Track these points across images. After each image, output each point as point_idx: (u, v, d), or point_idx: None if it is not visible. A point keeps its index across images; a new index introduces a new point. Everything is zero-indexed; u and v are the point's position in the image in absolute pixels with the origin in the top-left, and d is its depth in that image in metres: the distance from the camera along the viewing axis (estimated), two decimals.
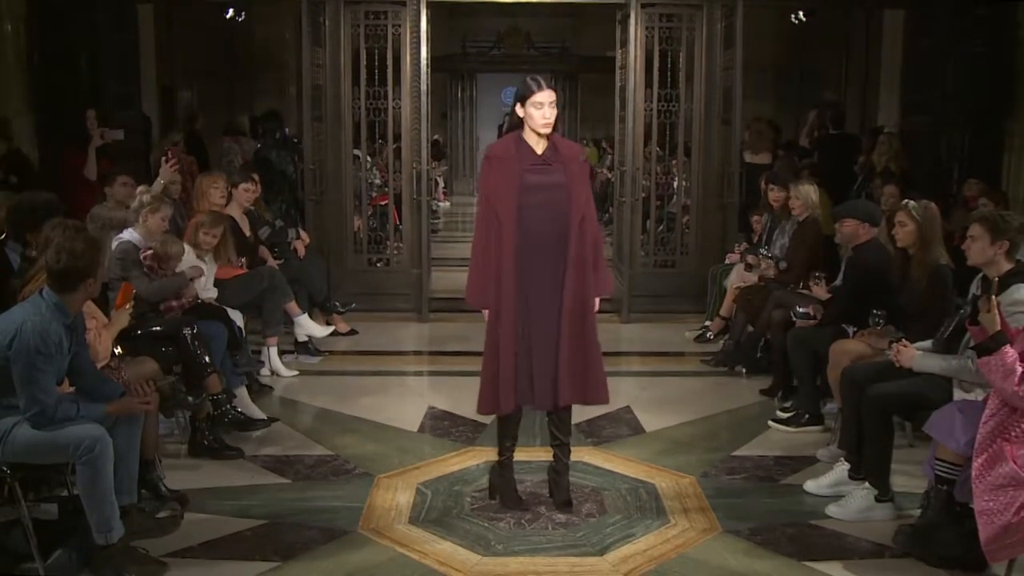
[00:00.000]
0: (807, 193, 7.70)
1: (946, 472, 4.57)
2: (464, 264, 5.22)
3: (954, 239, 6.32)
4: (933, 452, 4.67)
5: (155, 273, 6.33)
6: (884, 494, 5.11)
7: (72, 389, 4.64)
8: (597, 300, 5.04)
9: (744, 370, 7.81)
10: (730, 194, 9.83)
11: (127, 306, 5.37)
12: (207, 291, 6.90)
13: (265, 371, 7.65)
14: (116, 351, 5.37)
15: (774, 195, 8.42)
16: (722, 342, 8.36)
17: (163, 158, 7.97)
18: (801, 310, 6.62)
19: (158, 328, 6.14)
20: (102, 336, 5.18)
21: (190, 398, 5.80)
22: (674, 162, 10.56)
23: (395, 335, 9.21)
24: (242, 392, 6.56)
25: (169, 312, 6.38)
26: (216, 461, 5.89)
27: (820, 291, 6.75)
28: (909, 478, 5.39)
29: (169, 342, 6.03)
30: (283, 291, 7.74)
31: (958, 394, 4.89)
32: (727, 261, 9.04)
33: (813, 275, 6.88)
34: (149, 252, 6.31)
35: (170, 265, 6.41)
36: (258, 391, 7.13)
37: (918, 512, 4.91)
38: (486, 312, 4.97)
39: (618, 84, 10.18)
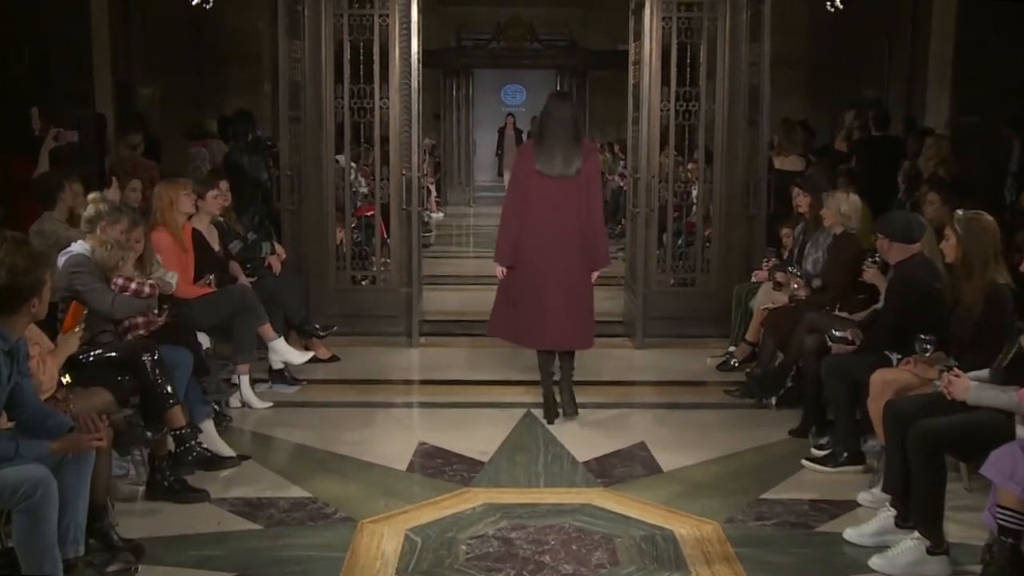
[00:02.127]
0: (837, 203, 7.69)
1: (1010, 521, 4.49)
2: (458, 283, 5.22)
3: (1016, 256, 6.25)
4: (993, 498, 4.58)
5: (139, 294, 6.33)
6: (937, 545, 5.03)
7: (11, 424, 4.57)
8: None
9: (773, 402, 7.76)
10: (757, 204, 9.76)
11: (76, 329, 5.30)
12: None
13: (235, 402, 7.63)
14: (63, 380, 5.30)
15: (799, 200, 8.43)
16: (748, 370, 8.31)
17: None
18: (838, 334, 6.57)
19: (113, 354, 6.08)
20: (47, 363, 5.12)
21: (149, 433, 5.72)
22: (693, 167, 10.51)
23: (382, 362, 9.18)
24: (208, 426, 6.50)
25: (133, 331, 6.35)
26: (178, 505, 5.82)
27: (874, 276, 6.67)
28: (966, 527, 5.33)
29: (126, 370, 5.96)
30: (256, 312, 7.70)
31: (1021, 431, 4.81)
32: (753, 279, 9.00)
33: (868, 260, 6.80)
34: (120, 281, 6.28)
35: (130, 271, 6.38)
36: (226, 425, 7.10)
37: (979, 568, 4.83)
38: None
39: (631, 81, 10.15)
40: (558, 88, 23.99)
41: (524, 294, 7.24)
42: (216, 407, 6.96)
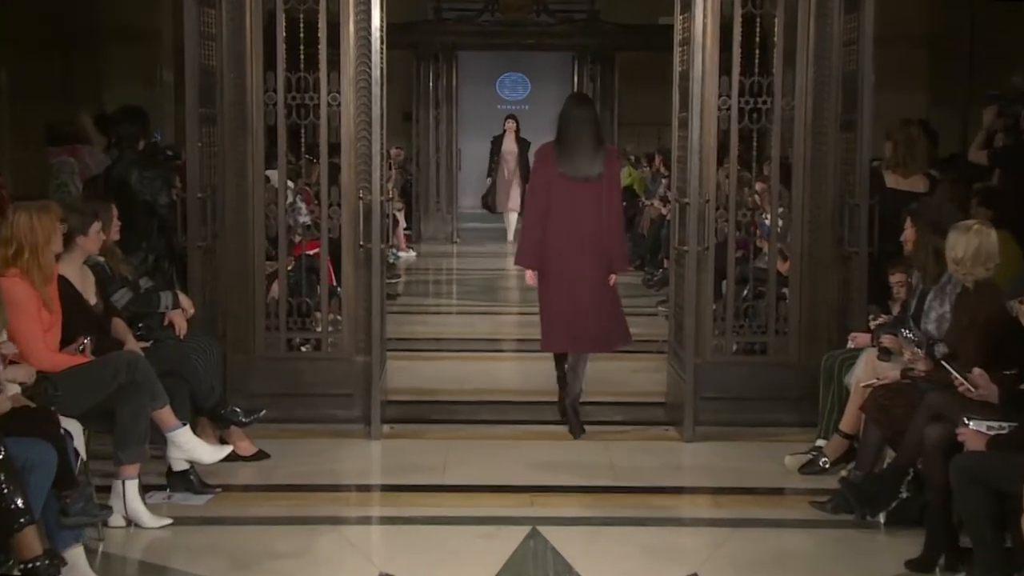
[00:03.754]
0: (954, 242, 7.66)
1: None
2: (436, 348, 5.20)
3: None
4: None
5: None
6: None
7: None
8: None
9: (882, 520, 7.67)
10: (855, 239, 9.70)
11: None
12: None
13: (117, 520, 7.52)
14: None
15: (905, 234, 8.55)
16: (844, 474, 8.19)
17: None
18: (975, 423, 6.54)
19: None
20: None
21: None
22: (764, 188, 10.42)
23: (329, 460, 9.15)
24: (77, 556, 6.43)
25: None
26: None
27: None
28: None
29: None
30: (149, 391, 7.64)
31: None
32: (851, 345, 8.99)
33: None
34: None
35: None
36: (103, 553, 7.04)
37: None
38: None
39: (677, 68, 10.16)
40: (574, 76, 24.14)
41: (550, 298, 9.59)
42: (89, 527, 6.86)
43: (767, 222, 10.62)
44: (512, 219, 23.23)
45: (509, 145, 23.96)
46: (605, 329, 9.64)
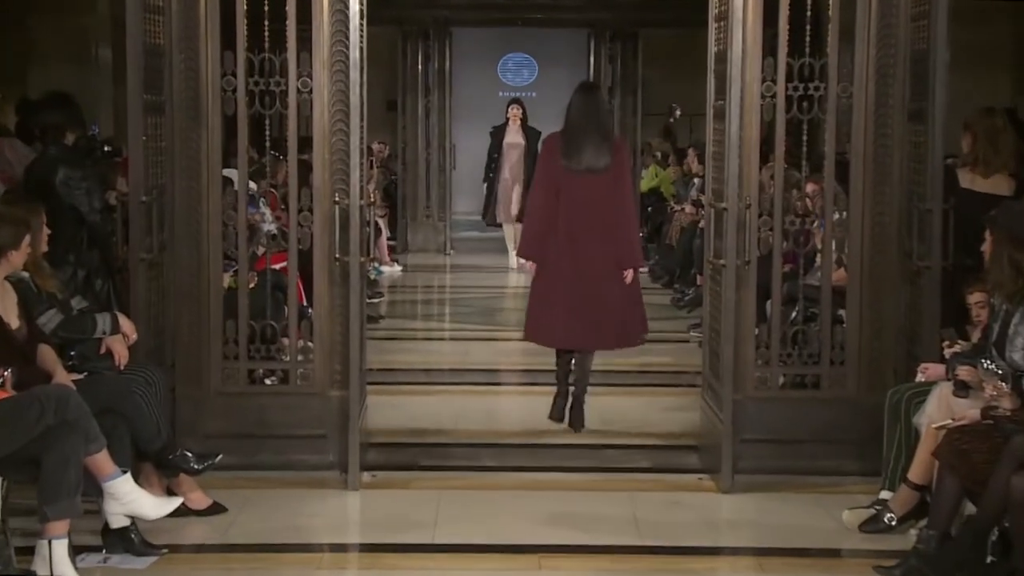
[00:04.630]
0: None
1: None
2: (426, 381, 5.18)
3: None
4: None
5: None
6: None
7: None
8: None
9: None
10: (926, 251, 9.65)
11: None
12: None
13: None
14: None
15: (987, 246, 8.49)
16: (916, 532, 8.16)
17: None
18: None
19: None
20: None
21: None
22: (816, 190, 10.39)
23: (297, 514, 9.14)
24: None
25: None
26: None
27: None
28: None
29: None
30: (83, 432, 7.59)
31: None
32: (920, 378, 8.92)
33: None
34: None
35: None
36: None
37: None
38: None
39: (711, 49, 10.24)
40: (589, 57, 24.15)
41: (551, 292, 10.73)
42: None
43: (822, 232, 10.56)
44: (516, 233, 21.33)
45: (513, 136, 22.47)
46: (596, 329, 10.76)
